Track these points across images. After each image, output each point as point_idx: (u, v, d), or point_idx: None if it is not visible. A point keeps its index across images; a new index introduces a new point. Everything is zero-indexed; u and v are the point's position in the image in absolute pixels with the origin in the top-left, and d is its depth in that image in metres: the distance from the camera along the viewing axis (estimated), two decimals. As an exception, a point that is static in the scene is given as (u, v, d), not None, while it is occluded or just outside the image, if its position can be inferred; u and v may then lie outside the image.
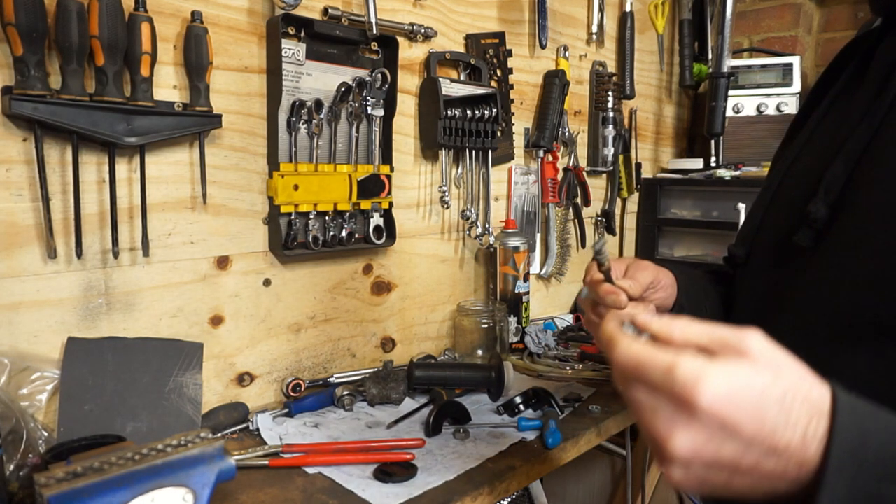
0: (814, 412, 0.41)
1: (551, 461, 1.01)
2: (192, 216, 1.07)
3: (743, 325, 0.64)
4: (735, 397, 0.40)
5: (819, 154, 0.66)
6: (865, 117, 0.60)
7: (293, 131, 1.17)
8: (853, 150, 0.60)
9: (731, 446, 0.41)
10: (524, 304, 1.55)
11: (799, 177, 0.69)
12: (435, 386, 1.21)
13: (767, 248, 0.70)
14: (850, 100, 0.66)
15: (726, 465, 0.42)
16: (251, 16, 1.11)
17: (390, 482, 0.90)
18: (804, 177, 0.67)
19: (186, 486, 0.69)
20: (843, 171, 0.60)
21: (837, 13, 2.16)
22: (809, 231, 0.61)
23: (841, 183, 0.60)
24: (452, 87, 1.38)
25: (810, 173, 0.65)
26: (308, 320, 1.25)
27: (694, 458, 0.42)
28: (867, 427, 0.41)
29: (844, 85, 0.70)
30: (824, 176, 0.61)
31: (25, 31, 0.83)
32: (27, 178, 0.90)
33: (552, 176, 1.73)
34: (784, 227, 0.66)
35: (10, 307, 0.90)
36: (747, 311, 0.72)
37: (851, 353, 0.55)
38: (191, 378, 1.04)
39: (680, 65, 2.16)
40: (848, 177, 0.59)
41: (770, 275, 0.68)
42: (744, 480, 0.42)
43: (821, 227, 0.61)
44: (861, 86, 0.65)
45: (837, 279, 0.58)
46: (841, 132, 0.63)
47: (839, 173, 0.60)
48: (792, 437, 0.41)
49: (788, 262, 0.65)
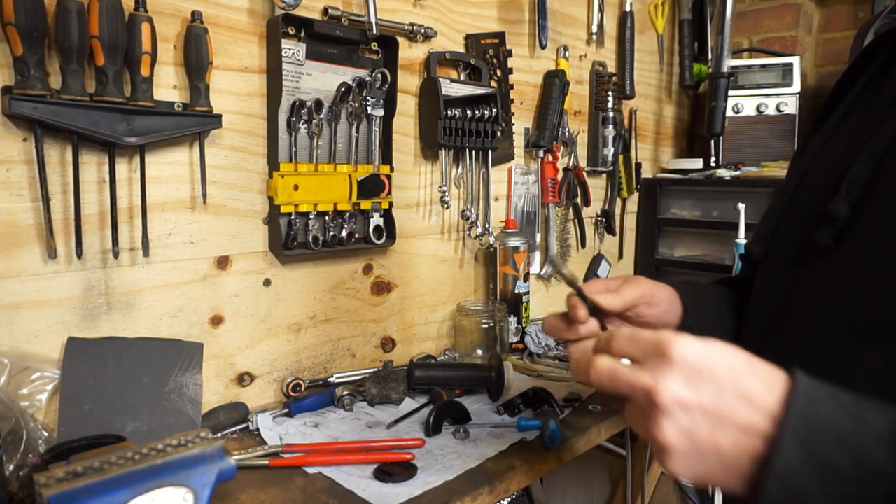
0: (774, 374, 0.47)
1: (551, 461, 1.01)
2: (192, 216, 1.07)
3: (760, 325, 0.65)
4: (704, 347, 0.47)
5: (841, 152, 0.66)
6: (889, 116, 0.60)
7: (293, 131, 1.17)
8: (876, 148, 0.59)
9: (708, 390, 0.46)
10: (524, 304, 1.55)
11: (820, 175, 0.68)
12: (435, 386, 1.21)
13: (787, 246, 0.69)
14: (873, 98, 0.66)
15: (709, 411, 0.46)
16: (251, 16, 1.11)
17: (390, 482, 0.90)
18: (825, 175, 0.66)
19: (186, 486, 0.69)
20: (866, 170, 0.59)
21: (837, 13, 2.16)
22: (830, 230, 0.61)
23: (863, 182, 0.59)
24: (452, 87, 1.38)
25: (832, 171, 0.64)
26: (308, 320, 1.25)
27: (679, 403, 0.46)
28: (817, 396, 0.45)
29: (868, 83, 0.70)
30: (846, 174, 0.60)
31: (25, 31, 0.83)
32: (27, 178, 0.90)
33: (552, 176, 1.73)
34: (804, 226, 0.65)
35: (10, 307, 0.90)
36: (764, 311, 0.71)
37: (869, 352, 0.55)
38: (191, 378, 1.04)
39: (680, 65, 2.16)
40: (870, 176, 0.59)
41: (789, 273, 0.68)
42: (726, 437, 0.46)
43: (842, 226, 0.60)
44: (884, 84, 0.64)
45: (857, 278, 0.58)
46: (864, 131, 0.62)
47: (861, 172, 0.59)
48: (759, 386, 0.46)
49: (808, 260, 0.65)
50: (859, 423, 0.44)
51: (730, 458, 0.46)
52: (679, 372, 0.47)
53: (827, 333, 0.59)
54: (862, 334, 0.56)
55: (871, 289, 0.56)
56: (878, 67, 0.69)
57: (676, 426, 0.46)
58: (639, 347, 0.50)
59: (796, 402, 0.45)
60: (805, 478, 0.43)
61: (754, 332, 0.71)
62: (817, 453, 0.43)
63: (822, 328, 0.60)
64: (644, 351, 0.50)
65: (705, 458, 0.46)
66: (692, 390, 0.46)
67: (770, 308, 0.69)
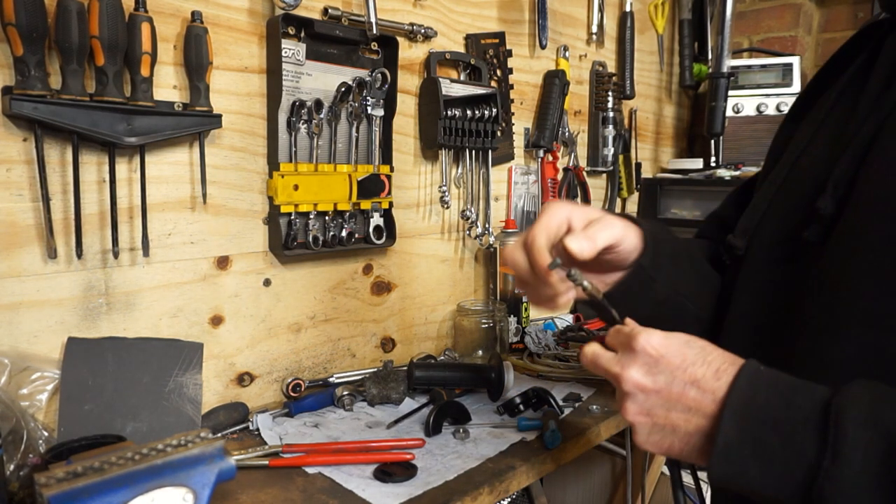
0: (727, 360, 0.54)
1: (551, 461, 1.01)
2: (192, 216, 1.07)
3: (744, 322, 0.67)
4: (664, 341, 0.56)
5: (827, 149, 0.66)
6: (873, 111, 0.60)
7: (293, 131, 1.17)
8: (861, 144, 0.59)
9: (663, 377, 0.55)
10: (524, 304, 1.55)
11: (806, 171, 0.68)
12: (435, 386, 1.21)
13: (772, 242, 0.69)
14: (857, 93, 0.65)
15: (663, 394, 0.55)
16: (251, 16, 1.11)
17: (390, 482, 0.90)
18: (811, 172, 0.66)
19: (186, 486, 0.69)
20: (851, 166, 0.59)
21: (837, 13, 2.16)
22: (819, 227, 0.61)
23: (849, 178, 0.59)
24: (452, 87, 1.38)
25: (817, 168, 0.64)
26: (308, 320, 1.25)
27: (639, 386, 0.56)
28: (759, 381, 0.52)
29: (851, 78, 0.69)
30: (833, 171, 0.61)
31: (26, 31, 0.83)
32: (27, 178, 0.90)
33: (552, 176, 1.73)
34: (790, 222, 0.66)
35: (10, 307, 0.90)
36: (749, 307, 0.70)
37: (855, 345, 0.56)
38: (191, 378, 1.04)
39: (680, 65, 2.16)
40: (855, 171, 0.59)
41: (775, 270, 0.67)
42: (677, 415, 0.55)
43: (828, 222, 0.60)
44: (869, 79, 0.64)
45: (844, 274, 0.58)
46: (849, 126, 0.62)
47: (847, 168, 0.60)
48: (706, 371, 0.54)
49: (795, 257, 0.65)
50: (789, 405, 0.50)
51: (683, 433, 0.55)
52: (641, 361, 0.56)
53: (814, 328, 0.60)
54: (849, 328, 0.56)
55: (858, 284, 0.56)
56: (860, 66, 0.69)
57: (637, 406, 0.56)
58: (617, 340, 0.60)
59: (738, 386, 0.52)
60: (742, 454, 0.50)
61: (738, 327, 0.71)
62: (752, 432, 0.50)
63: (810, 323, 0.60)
64: (620, 342, 0.59)
65: (664, 433, 0.56)
66: (650, 377, 0.56)
67: (755, 305, 0.69)
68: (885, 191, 0.56)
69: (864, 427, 0.46)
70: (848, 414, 0.47)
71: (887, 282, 0.54)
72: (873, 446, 0.45)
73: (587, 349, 0.62)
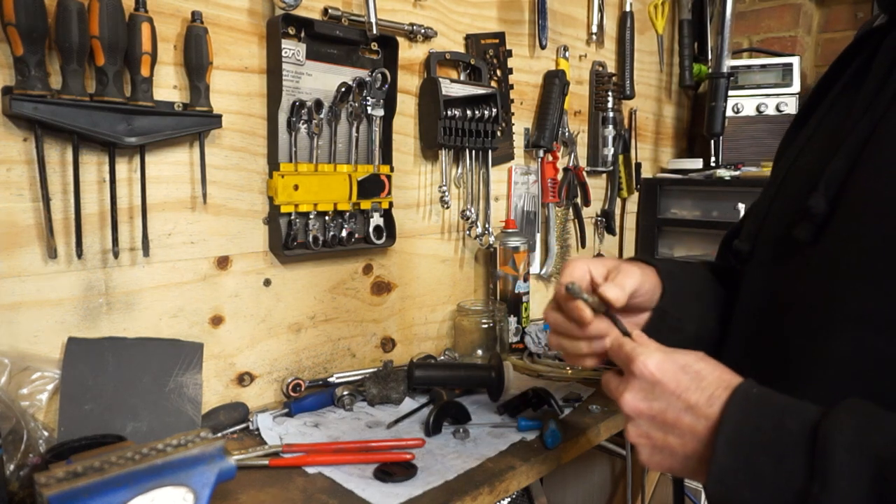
0: (721, 385, 0.56)
1: (551, 461, 1.01)
2: (192, 216, 1.07)
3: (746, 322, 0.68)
4: (661, 365, 0.58)
5: (822, 149, 0.66)
6: (867, 112, 0.60)
7: (293, 131, 1.17)
8: (855, 143, 0.60)
9: (659, 403, 0.57)
10: (524, 304, 1.55)
11: (802, 172, 0.69)
12: (435, 386, 1.21)
13: (769, 243, 0.70)
14: (853, 96, 0.66)
15: (658, 419, 0.57)
16: (251, 16, 1.11)
17: (390, 482, 0.90)
18: (807, 172, 0.67)
19: (187, 486, 0.69)
20: (844, 166, 0.60)
21: (837, 13, 2.16)
22: (809, 225, 0.61)
23: (841, 177, 0.60)
24: (452, 87, 1.38)
25: (812, 168, 0.65)
26: (308, 320, 1.25)
27: (637, 411, 0.59)
28: (749, 405, 0.53)
29: (848, 81, 0.70)
30: (825, 170, 0.61)
31: (26, 31, 0.83)
32: (27, 178, 0.90)
33: (552, 176, 1.73)
34: (786, 223, 0.66)
35: (10, 307, 0.90)
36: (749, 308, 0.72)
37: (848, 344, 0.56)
38: (191, 378, 1.04)
39: (680, 65, 2.16)
40: (848, 171, 0.59)
41: (770, 270, 0.68)
42: (674, 439, 0.56)
43: (821, 221, 0.60)
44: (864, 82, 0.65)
45: (836, 273, 0.58)
46: (843, 127, 0.63)
47: (840, 167, 0.60)
48: (700, 397, 0.55)
49: (789, 256, 0.65)
50: (779, 427, 0.51)
51: (681, 456, 0.57)
52: (638, 386, 0.59)
53: (807, 327, 0.60)
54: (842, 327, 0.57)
55: (850, 283, 0.57)
56: (857, 68, 0.69)
57: (637, 429, 0.59)
58: (619, 360, 0.63)
59: (730, 412, 0.53)
60: (737, 478, 0.51)
61: (741, 329, 0.72)
62: (744, 456, 0.51)
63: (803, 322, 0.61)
64: (622, 362, 0.62)
65: (664, 454, 0.58)
66: (646, 402, 0.58)
67: (754, 305, 0.70)
68: (879, 190, 0.56)
69: (850, 453, 0.47)
70: (835, 440, 0.48)
71: (880, 281, 0.54)
72: (860, 472, 0.46)
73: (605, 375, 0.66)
